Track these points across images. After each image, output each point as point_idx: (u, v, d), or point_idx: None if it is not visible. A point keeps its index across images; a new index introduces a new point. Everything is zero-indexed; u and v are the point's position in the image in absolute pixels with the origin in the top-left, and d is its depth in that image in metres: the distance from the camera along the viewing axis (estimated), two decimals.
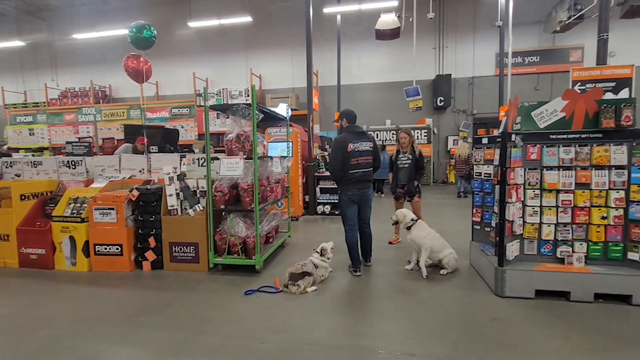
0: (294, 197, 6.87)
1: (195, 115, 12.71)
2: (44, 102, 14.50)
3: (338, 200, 3.91)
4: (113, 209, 3.97)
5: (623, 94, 4.85)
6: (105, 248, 4.02)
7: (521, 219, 3.23)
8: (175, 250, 3.99)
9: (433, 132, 12.77)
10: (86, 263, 4.05)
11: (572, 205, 3.16)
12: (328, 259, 3.70)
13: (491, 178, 3.71)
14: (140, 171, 4.89)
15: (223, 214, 3.96)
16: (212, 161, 3.94)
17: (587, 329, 2.57)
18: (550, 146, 3.18)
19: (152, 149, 5.64)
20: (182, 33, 14.34)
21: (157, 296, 3.31)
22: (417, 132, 12.27)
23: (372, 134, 12.78)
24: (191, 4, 13.82)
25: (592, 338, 2.46)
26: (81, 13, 14.84)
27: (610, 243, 3.11)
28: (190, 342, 2.50)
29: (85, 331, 2.68)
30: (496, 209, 3.38)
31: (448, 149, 13.33)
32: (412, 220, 3.87)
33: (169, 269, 3.99)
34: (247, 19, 12.66)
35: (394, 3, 10.11)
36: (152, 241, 4.02)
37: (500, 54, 11.21)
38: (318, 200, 7.38)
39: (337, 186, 3.85)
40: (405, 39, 10.45)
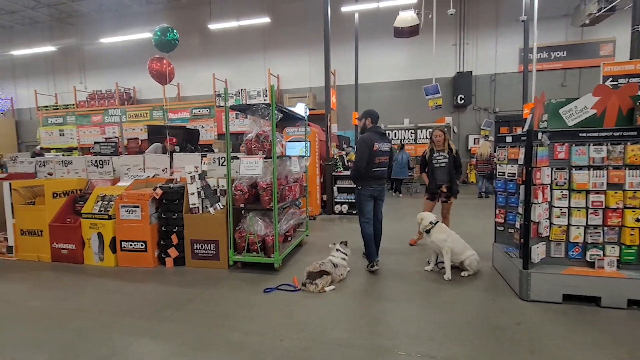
0: (312, 197, 6.89)
1: (214, 115, 12.99)
2: (73, 104, 15.21)
3: (356, 195, 4.04)
4: (138, 207, 4.11)
5: None
6: (130, 244, 4.17)
7: (547, 221, 3.11)
8: (196, 247, 4.09)
9: (453, 131, 12.47)
10: (113, 258, 4.22)
11: (604, 206, 3.02)
12: (347, 255, 3.74)
13: (515, 178, 3.59)
14: (163, 170, 5.05)
15: (242, 213, 4.02)
16: (232, 160, 4.02)
17: (620, 337, 2.45)
18: (579, 145, 3.04)
19: (175, 149, 5.81)
20: (203, 35, 14.66)
21: (180, 292, 3.41)
22: None
23: (390, 133, 12.76)
24: (211, 7, 14.11)
25: (625, 346, 2.34)
26: (107, 18, 15.45)
27: None
28: (211, 337, 2.55)
29: (113, 323, 2.80)
30: (521, 210, 3.27)
31: (469, 148, 12.99)
32: (431, 223, 3.82)
33: (191, 266, 4.10)
34: (266, 20, 12.78)
35: (413, 0, 9.95)
36: (175, 238, 4.13)
37: (524, 50, 10.79)
38: (335, 199, 7.38)
39: (357, 183, 3.96)
40: (424, 36, 10.26)
